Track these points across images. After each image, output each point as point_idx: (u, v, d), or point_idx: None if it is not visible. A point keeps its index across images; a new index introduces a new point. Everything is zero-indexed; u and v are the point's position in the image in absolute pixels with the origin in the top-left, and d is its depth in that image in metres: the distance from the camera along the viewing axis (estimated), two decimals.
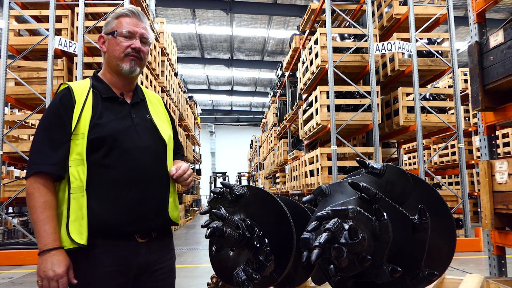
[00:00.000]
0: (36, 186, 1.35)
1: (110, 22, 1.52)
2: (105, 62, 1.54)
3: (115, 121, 1.44)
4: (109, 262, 1.37)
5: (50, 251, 1.33)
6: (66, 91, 1.44)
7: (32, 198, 1.34)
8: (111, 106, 1.48)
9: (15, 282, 4.82)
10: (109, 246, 1.38)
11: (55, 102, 1.43)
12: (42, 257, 1.33)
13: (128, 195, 1.40)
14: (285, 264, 1.48)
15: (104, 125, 1.41)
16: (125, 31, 1.48)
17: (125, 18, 1.50)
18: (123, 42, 1.48)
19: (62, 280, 1.32)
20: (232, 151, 32.82)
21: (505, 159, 2.73)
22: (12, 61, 6.62)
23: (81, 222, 1.34)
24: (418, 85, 6.55)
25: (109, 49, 1.50)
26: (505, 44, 2.60)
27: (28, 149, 6.65)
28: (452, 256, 1.33)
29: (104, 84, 1.51)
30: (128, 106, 1.51)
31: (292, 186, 9.76)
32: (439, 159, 11.66)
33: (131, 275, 1.42)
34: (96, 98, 1.46)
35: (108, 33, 1.50)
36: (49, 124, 1.40)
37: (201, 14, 15.80)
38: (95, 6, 7.00)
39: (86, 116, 1.40)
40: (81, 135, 1.38)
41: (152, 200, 1.45)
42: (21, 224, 7.27)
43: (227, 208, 1.60)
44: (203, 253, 6.76)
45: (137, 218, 1.41)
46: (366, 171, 1.35)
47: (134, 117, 1.50)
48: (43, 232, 1.33)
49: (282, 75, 12.98)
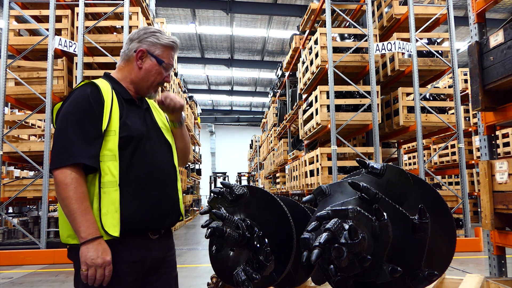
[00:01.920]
0: (74, 177, 1.36)
1: (157, 45, 1.56)
2: (131, 71, 1.58)
3: (137, 122, 1.52)
4: (127, 258, 1.42)
5: (96, 239, 1.35)
6: (94, 89, 1.47)
7: (69, 189, 1.35)
8: (131, 108, 1.54)
9: (15, 282, 4.83)
10: (127, 243, 1.43)
11: (85, 97, 1.43)
12: (88, 245, 1.34)
13: (151, 193, 1.48)
14: (285, 264, 1.48)
15: (131, 125, 1.48)
16: (169, 64, 1.59)
17: (171, 51, 1.60)
18: (163, 73, 1.58)
19: (109, 267, 1.36)
20: (232, 151, 32.81)
21: (505, 159, 2.73)
22: (12, 61, 6.62)
23: (114, 215, 1.39)
24: (418, 85, 6.55)
25: (149, 71, 1.56)
26: (505, 44, 2.60)
27: (28, 149, 6.65)
28: (452, 256, 1.33)
29: (122, 86, 1.57)
30: (143, 110, 1.60)
31: (292, 186, 9.76)
32: (439, 159, 11.66)
33: (144, 271, 1.48)
34: (118, 98, 1.52)
35: (154, 56, 1.56)
36: (81, 118, 1.41)
37: (201, 14, 15.80)
38: (95, 6, 7.01)
39: (116, 114, 1.46)
40: (112, 132, 1.43)
41: (168, 199, 1.55)
42: (21, 224, 7.27)
43: (227, 208, 1.60)
44: (203, 253, 6.76)
45: (159, 216, 1.50)
46: (366, 171, 1.36)
47: (147, 122, 1.58)
48: (85, 222, 1.34)
49: (282, 75, 12.97)
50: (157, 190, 1.50)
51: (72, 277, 5.23)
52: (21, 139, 8.61)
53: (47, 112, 6.35)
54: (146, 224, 1.47)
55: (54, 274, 5.30)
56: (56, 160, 1.38)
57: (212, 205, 1.71)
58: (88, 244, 1.34)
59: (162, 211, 1.51)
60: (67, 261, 6.02)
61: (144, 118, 1.57)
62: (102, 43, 6.79)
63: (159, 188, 1.51)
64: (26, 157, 6.46)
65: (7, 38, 6.57)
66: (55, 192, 1.42)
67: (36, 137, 9.38)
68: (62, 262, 5.99)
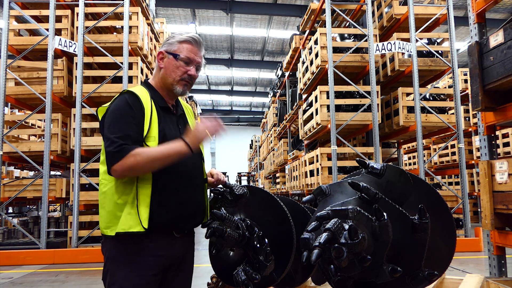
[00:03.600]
0: (136, 151, 1.44)
1: (173, 43, 1.63)
2: (158, 75, 1.66)
3: (172, 129, 1.61)
4: (153, 252, 1.50)
5: (185, 141, 1.49)
6: (134, 98, 1.54)
7: (144, 158, 1.44)
8: (166, 116, 1.62)
9: (15, 282, 4.83)
10: (154, 238, 1.51)
11: (126, 106, 1.52)
12: (187, 141, 1.49)
13: (180, 196, 1.56)
14: (285, 264, 1.47)
15: (167, 132, 1.56)
16: (186, 57, 1.62)
17: (188, 45, 1.63)
18: (182, 67, 1.62)
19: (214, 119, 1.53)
20: (232, 151, 32.80)
21: (505, 159, 2.73)
22: (12, 61, 6.62)
23: (146, 210, 1.48)
24: (418, 85, 6.55)
25: (167, 68, 1.63)
26: (505, 44, 2.60)
27: (28, 149, 6.65)
28: (452, 256, 1.33)
29: (158, 94, 1.65)
30: (176, 117, 1.68)
31: (292, 186, 9.76)
32: (439, 159, 11.66)
33: (166, 266, 1.56)
34: (156, 106, 1.60)
35: (170, 52, 1.62)
36: (127, 121, 1.50)
37: (201, 14, 15.80)
38: (95, 6, 7.00)
39: (155, 121, 1.54)
40: (152, 138, 1.52)
41: (196, 203, 1.63)
42: (21, 224, 7.27)
43: (227, 208, 1.61)
44: (203, 253, 6.76)
45: (185, 217, 1.58)
46: (366, 171, 1.36)
47: (180, 128, 1.66)
48: (171, 146, 1.48)
49: (282, 75, 12.97)
50: (186, 193, 1.57)
51: (72, 277, 5.25)
52: (21, 139, 8.61)
53: (47, 112, 6.35)
54: (172, 223, 1.54)
55: (54, 274, 5.30)
56: (116, 155, 1.44)
57: (212, 205, 1.71)
58: (186, 143, 1.48)
59: (188, 213, 1.59)
60: (67, 261, 6.03)
61: (178, 125, 1.66)
62: (102, 43, 6.79)
63: (188, 192, 1.58)
64: (26, 157, 6.46)
65: (7, 38, 6.56)
66: (144, 169, 1.50)
67: (36, 137, 9.38)
68: (62, 262, 6.00)
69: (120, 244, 1.50)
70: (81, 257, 6.03)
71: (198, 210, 1.63)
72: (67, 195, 6.78)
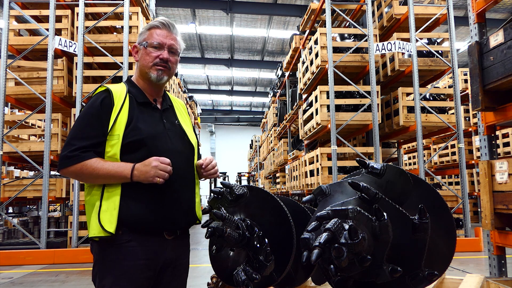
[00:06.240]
0: (87, 164, 1.44)
1: (143, 33, 1.63)
2: (137, 70, 1.66)
3: (150, 125, 1.55)
4: (141, 255, 1.47)
5: (134, 168, 1.45)
6: (107, 94, 1.54)
7: (87, 168, 1.44)
8: (145, 111, 1.58)
9: (15, 282, 4.83)
10: (142, 241, 1.48)
11: (96, 104, 1.52)
12: (135, 172, 1.45)
13: (162, 196, 1.51)
14: (285, 264, 1.47)
15: (142, 129, 1.51)
16: (155, 42, 1.59)
17: (156, 30, 1.60)
18: (153, 52, 1.59)
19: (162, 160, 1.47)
20: (232, 151, 32.80)
21: (505, 159, 2.73)
22: (12, 61, 6.62)
23: (113, 213, 1.45)
24: (418, 85, 6.55)
25: (141, 59, 1.62)
26: (505, 44, 2.60)
27: (28, 149, 6.65)
28: (452, 256, 1.33)
29: (138, 89, 1.62)
30: (160, 112, 1.63)
31: (292, 186, 9.76)
32: (439, 159, 11.66)
33: (157, 269, 1.52)
34: (132, 102, 1.56)
35: (140, 43, 1.62)
36: (87, 123, 1.50)
37: (201, 14, 15.79)
38: (95, 6, 7.00)
39: (122, 119, 1.50)
40: (116, 136, 1.48)
41: (182, 201, 1.58)
42: (21, 224, 7.26)
43: (227, 208, 1.60)
44: (203, 253, 6.76)
45: (169, 218, 1.53)
46: (366, 171, 1.35)
47: (165, 122, 1.61)
48: (117, 166, 1.45)
49: (282, 75, 12.97)
50: (170, 193, 1.52)
51: (72, 277, 5.24)
52: (21, 139, 8.60)
53: (47, 112, 6.35)
54: (150, 224, 1.49)
55: (54, 274, 5.30)
56: (66, 161, 1.46)
57: (212, 205, 1.71)
58: (134, 172, 1.44)
59: (173, 213, 1.53)
60: (67, 261, 6.03)
61: (162, 119, 1.61)
62: (102, 43, 6.79)
63: (172, 191, 1.53)
64: (26, 157, 6.46)
65: (7, 38, 6.57)
66: (86, 181, 1.52)
67: (36, 137, 9.38)
68: (62, 262, 6.00)
69: (106, 248, 1.47)
70: (81, 257, 6.03)
71: (187, 209, 1.59)
72: (67, 195, 6.78)
